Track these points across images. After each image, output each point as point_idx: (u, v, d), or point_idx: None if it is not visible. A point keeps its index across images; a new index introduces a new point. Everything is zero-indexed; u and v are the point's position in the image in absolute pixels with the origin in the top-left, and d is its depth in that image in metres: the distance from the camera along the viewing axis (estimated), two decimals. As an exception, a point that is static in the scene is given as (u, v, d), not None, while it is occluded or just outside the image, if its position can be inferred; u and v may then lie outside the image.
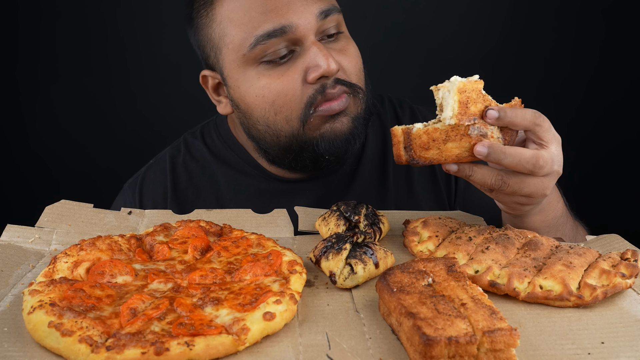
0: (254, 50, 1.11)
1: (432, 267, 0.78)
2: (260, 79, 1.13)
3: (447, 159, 0.87)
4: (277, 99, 1.12)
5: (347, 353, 0.68)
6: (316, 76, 1.10)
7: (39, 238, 0.97)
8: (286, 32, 1.09)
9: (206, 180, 1.35)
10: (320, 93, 1.11)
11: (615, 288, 0.79)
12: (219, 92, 1.26)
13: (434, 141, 0.86)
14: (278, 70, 1.12)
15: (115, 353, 0.64)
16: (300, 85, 1.11)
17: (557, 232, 1.09)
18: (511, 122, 0.88)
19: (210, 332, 0.67)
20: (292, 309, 0.73)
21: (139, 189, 1.35)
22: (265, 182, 1.32)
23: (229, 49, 1.14)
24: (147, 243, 0.90)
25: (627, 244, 0.97)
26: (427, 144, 0.86)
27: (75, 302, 0.72)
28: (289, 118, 1.14)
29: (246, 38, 1.11)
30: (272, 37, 1.09)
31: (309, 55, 1.10)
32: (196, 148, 1.38)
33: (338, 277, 0.83)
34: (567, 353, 0.69)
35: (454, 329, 0.64)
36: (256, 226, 1.05)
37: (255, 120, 1.18)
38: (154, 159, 1.42)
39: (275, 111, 1.14)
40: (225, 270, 0.83)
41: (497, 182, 0.90)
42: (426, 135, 0.86)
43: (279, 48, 1.10)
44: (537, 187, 0.91)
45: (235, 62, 1.15)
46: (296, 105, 1.12)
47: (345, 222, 0.97)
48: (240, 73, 1.15)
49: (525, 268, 0.83)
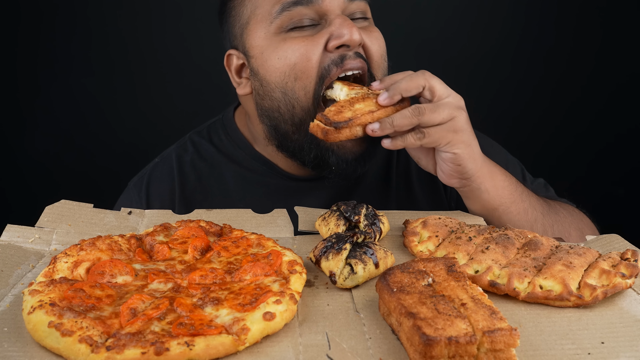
0: (280, 17, 1.13)
1: (432, 267, 0.78)
2: (286, 42, 1.14)
3: (362, 115, 1.01)
4: (299, 62, 1.13)
5: (347, 353, 0.68)
6: (337, 43, 1.11)
7: (39, 238, 0.97)
8: (312, 3, 1.12)
9: (215, 180, 1.34)
10: (336, 64, 1.12)
11: (615, 288, 0.79)
12: (241, 74, 1.26)
13: (342, 107, 1.04)
14: (303, 33, 1.14)
15: (115, 353, 0.64)
16: (320, 51, 1.13)
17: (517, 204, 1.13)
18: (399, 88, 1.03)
19: (210, 332, 0.67)
20: (292, 309, 0.73)
21: (145, 188, 1.35)
22: (274, 179, 1.32)
23: (258, 20, 1.17)
24: (147, 243, 0.90)
25: (627, 244, 0.97)
26: (339, 110, 1.02)
27: (75, 302, 0.72)
28: (307, 89, 1.14)
29: (274, 6, 1.14)
30: (299, 4, 1.12)
31: (333, 24, 1.12)
32: (204, 147, 1.38)
33: (338, 277, 0.83)
34: (567, 353, 0.69)
35: (454, 329, 0.64)
36: (256, 226, 1.05)
37: (273, 86, 1.17)
38: (159, 158, 1.41)
39: (295, 76, 1.14)
40: (225, 270, 0.83)
41: (415, 111, 1.00)
42: (335, 107, 1.03)
43: (304, 18, 1.13)
44: (451, 110, 1.02)
45: (262, 30, 1.16)
46: (313, 72, 1.13)
47: (345, 222, 0.97)
48: (267, 41, 1.16)
49: (525, 268, 0.83)
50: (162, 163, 1.38)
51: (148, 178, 1.36)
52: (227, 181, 1.34)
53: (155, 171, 1.37)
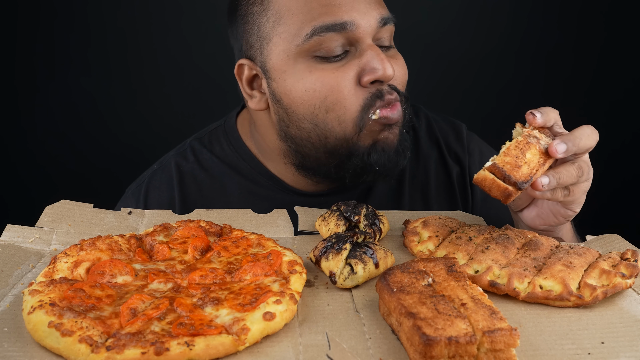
0: (309, 42, 1.06)
1: (432, 267, 0.78)
2: (312, 72, 1.08)
3: (537, 171, 0.88)
4: (330, 94, 1.08)
5: (347, 353, 0.68)
6: (371, 79, 1.07)
7: (39, 238, 0.97)
8: (346, 29, 1.06)
9: (216, 192, 1.29)
10: (378, 97, 1.08)
11: (615, 288, 0.79)
12: (253, 86, 1.19)
13: (517, 158, 0.88)
14: (332, 65, 1.08)
15: (115, 353, 0.64)
16: (353, 85, 1.08)
17: (572, 237, 1.11)
18: (548, 117, 0.91)
19: (210, 332, 0.67)
20: (292, 309, 0.73)
21: (143, 198, 1.30)
22: (280, 194, 1.27)
23: (282, 38, 1.09)
24: (147, 243, 0.90)
25: (627, 244, 0.97)
26: (514, 162, 0.88)
27: (75, 302, 0.72)
28: (341, 119, 1.09)
29: (302, 27, 1.07)
30: (331, 30, 1.05)
31: (365, 56, 1.07)
32: (204, 157, 1.32)
33: (338, 277, 0.83)
34: (567, 353, 0.69)
35: (454, 329, 0.64)
36: (256, 226, 1.05)
37: (301, 117, 1.11)
38: (157, 164, 1.36)
39: (327, 108, 1.09)
40: (225, 270, 0.83)
41: (578, 170, 0.91)
42: (508, 156, 0.88)
43: (335, 45, 1.07)
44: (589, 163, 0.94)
45: (285, 52, 1.09)
46: (350, 106, 1.08)
47: (345, 222, 0.97)
48: (290, 65, 1.09)
49: (525, 268, 0.83)
50: (160, 171, 1.33)
51: (146, 187, 1.31)
52: (230, 193, 1.29)
53: (153, 180, 1.32)
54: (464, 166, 1.37)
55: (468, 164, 1.37)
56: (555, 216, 1.00)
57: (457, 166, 1.37)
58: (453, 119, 1.44)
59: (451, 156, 1.37)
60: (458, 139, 1.39)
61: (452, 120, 1.43)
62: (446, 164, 1.36)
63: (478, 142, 1.42)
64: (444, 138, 1.39)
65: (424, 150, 1.37)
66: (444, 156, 1.37)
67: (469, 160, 1.38)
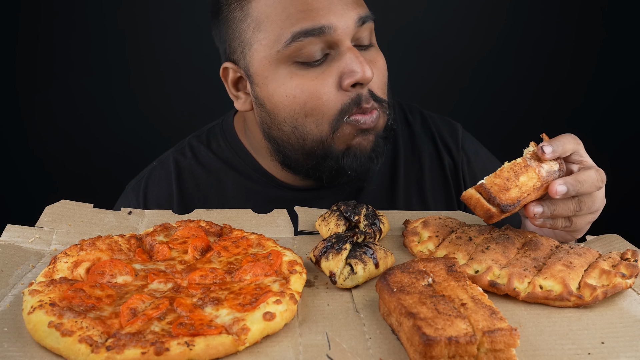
0: (289, 47, 1.08)
1: (432, 267, 0.78)
2: (293, 79, 1.10)
3: (528, 195, 0.87)
4: (310, 100, 1.10)
5: (347, 353, 0.68)
6: (351, 82, 1.08)
7: (39, 238, 0.97)
8: (324, 33, 1.07)
9: (213, 187, 1.32)
10: (355, 104, 1.10)
11: (615, 288, 0.79)
12: (238, 87, 1.22)
13: (508, 180, 0.87)
14: (312, 71, 1.10)
15: (115, 353, 0.64)
16: (334, 90, 1.10)
17: None
18: (563, 149, 0.90)
19: (210, 332, 0.67)
20: (292, 309, 0.73)
21: (143, 193, 1.33)
22: (274, 190, 1.30)
23: (262, 44, 1.11)
24: (147, 243, 0.90)
25: (627, 244, 0.97)
26: (504, 184, 0.87)
27: (75, 302, 0.72)
28: (319, 122, 1.11)
29: (282, 34, 1.08)
30: (310, 35, 1.07)
31: (344, 60, 1.09)
32: (202, 153, 1.35)
33: (338, 277, 0.83)
34: (567, 353, 0.69)
35: (454, 329, 0.64)
36: (256, 226, 1.05)
37: (282, 120, 1.14)
38: (156, 161, 1.39)
39: (306, 113, 1.11)
40: (225, 270, 0.83)
41: (576, 204, 0.91)
42: (498, 178, 0.87)
43: (315, 50, 1.08)
44: (600, 198, 0.93)
45: (266, 58, 1.11)
46: (329, 110, 1.10)
47: (345, 222, 0.97)
48: (271, 71, 1.12)
49: (525, 268, 0.83)
50: (159, 167, 1.36)
51: (146, 182, 1.34)
52: (226, 188, 1.32)
53: (153, 175, 1.35)
54: (457, 162, 1.39)
55: (461, 162, 1.39)
56: (557, 236, 1.01)
57: (451, 161, 1.39)
58: (449, 118, 1.45)
59: (445, 150, 1.39)
60: (452, 135, 1.41)
61: (447, 119, 1.45)
62: (441, 157, 1.38)
63: (473, 142, 1.43)
64: (438, 132, 1.40)
65: (418, 144, 1.39)
66: (439, 149, 1.39)
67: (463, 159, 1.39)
